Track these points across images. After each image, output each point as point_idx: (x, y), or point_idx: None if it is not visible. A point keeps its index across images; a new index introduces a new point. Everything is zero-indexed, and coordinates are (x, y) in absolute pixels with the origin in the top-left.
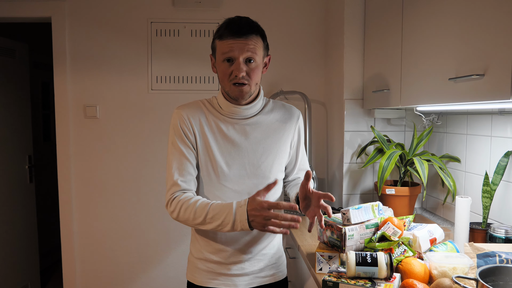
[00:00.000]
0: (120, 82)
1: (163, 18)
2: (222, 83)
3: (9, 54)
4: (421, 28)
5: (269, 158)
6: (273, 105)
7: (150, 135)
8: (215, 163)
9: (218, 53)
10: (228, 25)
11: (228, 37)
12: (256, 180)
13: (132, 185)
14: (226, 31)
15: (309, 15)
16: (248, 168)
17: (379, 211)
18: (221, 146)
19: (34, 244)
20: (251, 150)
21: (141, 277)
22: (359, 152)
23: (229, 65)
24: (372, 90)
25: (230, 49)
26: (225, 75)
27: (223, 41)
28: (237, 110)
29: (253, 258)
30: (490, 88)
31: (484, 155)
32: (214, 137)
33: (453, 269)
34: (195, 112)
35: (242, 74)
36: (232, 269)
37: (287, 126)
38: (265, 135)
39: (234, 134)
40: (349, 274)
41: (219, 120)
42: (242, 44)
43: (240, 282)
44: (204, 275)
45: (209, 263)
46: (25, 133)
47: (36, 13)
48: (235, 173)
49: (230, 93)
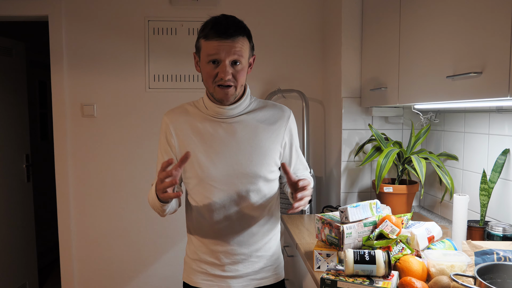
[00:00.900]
0: (117, 81)
1: (160, 17)
2: (206, 84)
3: (6, 53)
4: (419, 26)
5: (258, 158)
6: (263, 104)
7: (147, 134)
8: (201, 164)
9: (203, 53)
10: (214, 25)
11: (214, 37)
12: (244, 179)
13: (129, 183)
14: (212, 32)
15: (307, 13)
16: (236, 168)
17: (377, 209)
18: (208, 147)
19: (32, 243)
20: (238, 150)
21: (138, 276)
22: (357, 150)
23: (214, 66)
24: (370, 88)
25: (216, 51)
26: (210, 77)
27: (208, 42)
28: (221, 111)
29: (248, 260)
30: (487, 85)
31: (481, 153)
32: (201, 138)
33: (451, 267)
34: (179, 116)
35: (228, 76)
36: (227, 270)
37: (277, 126)
38: (253, 134)
39: (221, 133)
40: (347, 272)
41: (205, 121)
42: (229, 46)
43: (235, 284)
44: (199, 276)
45: (204, 264)
46: (22, 132)
47: (33, 12)
48: (223, 173)
49: (214, 95)
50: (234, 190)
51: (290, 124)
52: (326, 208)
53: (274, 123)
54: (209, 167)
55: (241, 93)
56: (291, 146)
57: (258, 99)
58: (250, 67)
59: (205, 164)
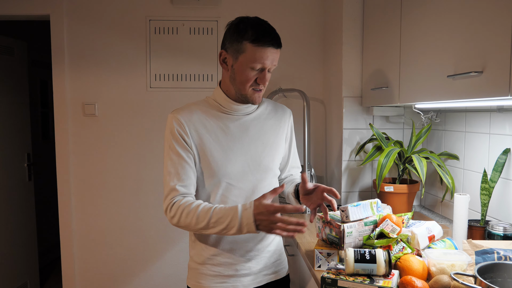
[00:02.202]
0: (119, 80)
1: (161, 16)
2: (240, 85)
3: (7, 52)
4: (420, 25)
5: (270, 153)
6: (267, 101)
7: (149, 133)
8: (217, 162)
9: (247, 57)
10: (264, 31)
11: (267, 45)
12: (259, 175)
13: (130, 183)
14: (264, 38)
15: (307, 12)
16: (251, 164)
17: (377, 208)
18: (222, 145)
19: (33, 242)
20: (252, 146)
21: (139, 275)
22: (358, 149)
23: (256, 72)
24: (371, 87)
25: (265, 60)
26: (248, 81)
27: (259, 48)
28: (238, 108)
29: (259, 256)
30: (488, 85)
31: (482, 153)
32: (215, 136)
33: (451, 266)
34: (191, 114)
35: (266, 83)
36: (240, 269)
37: (282, 122)
38: (263, 130)
39: (234, 130)
40: (348, 271)
41: (218, 118)
42: (276, 56)
43: (248, 282)
44: (211, 280)
45: (216, 267)
46: (24, 131)
47: (35, 11)
48: (239, 170)
49: (248, 98)
50: (249, 186)
51: (291, 122)
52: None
53: (280, 120)
54: (226, 164)
55: None
56: (290, 143)
57: (264, 98)
58: None
59: (222, 161)
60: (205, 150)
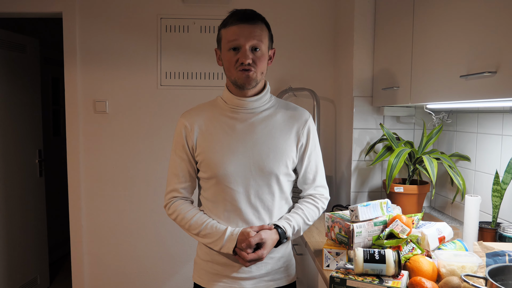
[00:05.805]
0: (130, 78)
1: (172, 14)
2: (228, 72)
3: (19, 49)
4: (432, 25)
5: (276, 158)
6: (283, 104)
7: (159, 131)
8: (216, 164)
9: (224, 42)
10: (233, 14)
11: (233, 23)
12: (261, 180)
13: (140, 180)
14: (231, 19)
15: (318, 11)
16: (253, 168)
17: (387, 208)
18: (224, 147)
19: (43, 237)
20: (256, 149)
21: (148, 272)
22: (368, 149)
23: (234, 53)
24: (382, 87)
25: (236, 36)
26: (231, 63)
27: (228, 29)
28: (242, 103)
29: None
30: (502, 85)
31: (494, 154)
32: (218, 138)
33: (461, 268)
34: (197, 117)
35: (248, 61)
36: (239, 271)
37: (295, 128)
38: (271, 133)
39: (240, 132)
40: (357, 271)
41: (226, 119)
42: (248, 31)
43: (246, 285)
44: (210, 277)
45: (215, 265)
46: (35, 127)
47: (47, 9)
48: (239, 173)
49: (237, 80)
50: (249, 190)
51: (309, 127)
52: (336, 207)
53: (293, 124)
54: (225, 166)
55: (262, 86)
56: (305, 152)
57: (279, 99)
58: (270, 60)
59: (221, 164)
60: (207, 152)
